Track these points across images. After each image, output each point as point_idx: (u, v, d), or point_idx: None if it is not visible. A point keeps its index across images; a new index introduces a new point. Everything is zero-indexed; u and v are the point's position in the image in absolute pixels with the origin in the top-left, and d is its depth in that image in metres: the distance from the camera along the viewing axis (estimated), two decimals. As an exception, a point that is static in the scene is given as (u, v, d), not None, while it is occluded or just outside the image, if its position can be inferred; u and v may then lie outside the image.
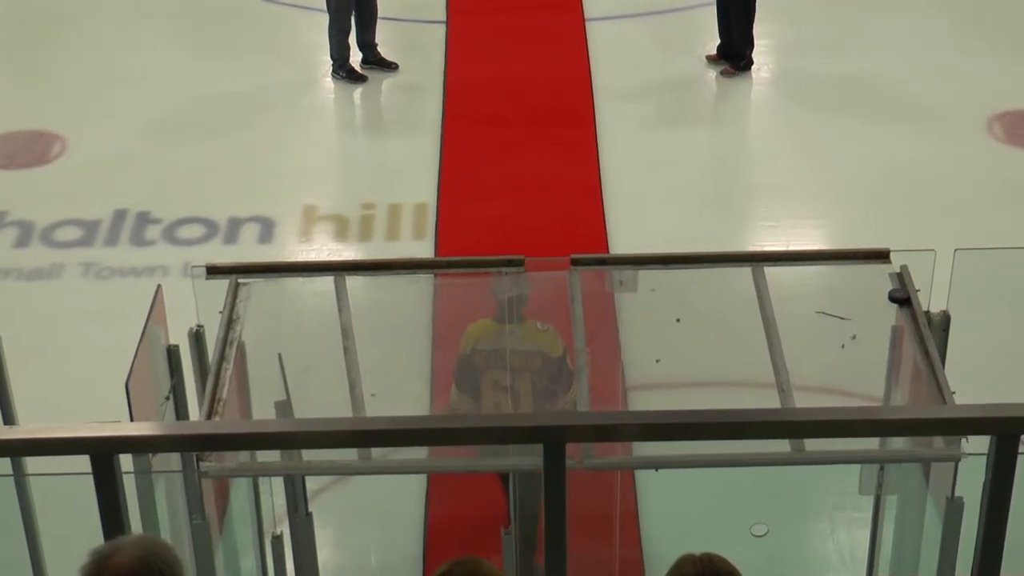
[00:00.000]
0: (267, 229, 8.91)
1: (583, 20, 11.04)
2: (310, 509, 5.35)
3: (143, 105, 10.20)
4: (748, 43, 10.19)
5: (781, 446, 4.64)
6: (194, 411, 5.27)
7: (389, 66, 10.48)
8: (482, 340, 6.10)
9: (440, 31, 11.02)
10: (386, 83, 10.45)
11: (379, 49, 10.47)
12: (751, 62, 10.26)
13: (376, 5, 10.24)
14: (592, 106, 9.98)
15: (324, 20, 10.45)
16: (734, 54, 10.21)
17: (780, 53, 10.74)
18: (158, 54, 10.84)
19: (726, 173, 9.45)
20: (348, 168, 9.69)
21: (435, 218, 8.94)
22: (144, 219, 8.98)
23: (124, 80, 10.50)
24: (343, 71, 10.32)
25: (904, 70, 10.37)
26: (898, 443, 4.84)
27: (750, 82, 10.31)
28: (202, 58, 10.77)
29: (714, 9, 10.23)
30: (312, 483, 5.60)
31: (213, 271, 5.43)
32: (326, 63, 10.51)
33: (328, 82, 10.45)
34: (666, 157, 9.51)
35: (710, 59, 10.33)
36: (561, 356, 6.05)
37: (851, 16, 11.11)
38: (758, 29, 10.27)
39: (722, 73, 10.25)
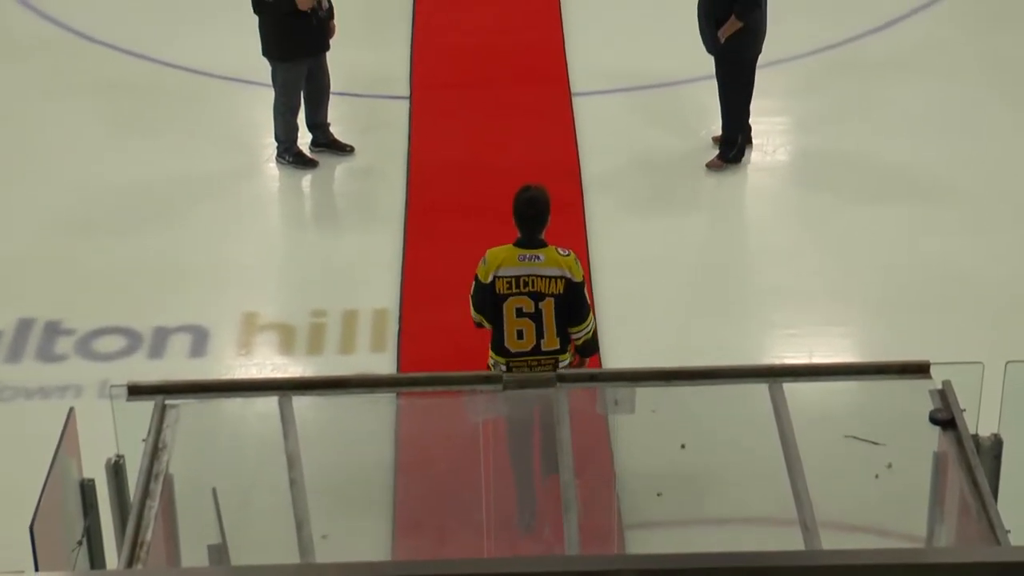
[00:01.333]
0: (199, 340, 8.91)
1: (569, 95, 11.18)
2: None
3: (53, 194, 10.26)
4: (740, 128, 10.32)
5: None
6: (112, 558, 5.23)
7: (344, 149, 10.58)
8: (504, 266, 7.16)
9: (403, 108, 11.15)
10: (340, 168, 10.54)
11: (332, 130, 10.58)
12: (742, 152, 10.37)
13: (328, 80, 10.37)
14: (580, 194, 10.07)
15: (268, 95, 10.58)
16: (725, 140, 10.36)
17: (786, 132, 10.93)
18: (71, 134, 10.94)
19: (733, 272, 9.53)
20: (295, 269, 9.74)
21: (397, 326, 8.98)
22: (54, 329, 8.98)
23: (31, 164, 10.58)
24: (289, 155, 10.43)
25: (924, 150, 10.56)
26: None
27: (753, 165, 10.45)
28: (124, 139, 10.87)
29: (712, 83, 10.39)
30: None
31: (135, 391, 5.43)
32: (270, 146, 10.61)
33: (273, 167, 10.54)
34: (663, 254, 9.60)
35: (717, 141, 10.47)
36: (582, 282, 7.21)
37: (861, 89, 11.33)
38: (760, 104, 10.44)
39: (708, 165, 10.36)
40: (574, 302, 7.23)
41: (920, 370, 5.47)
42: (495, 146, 10.59)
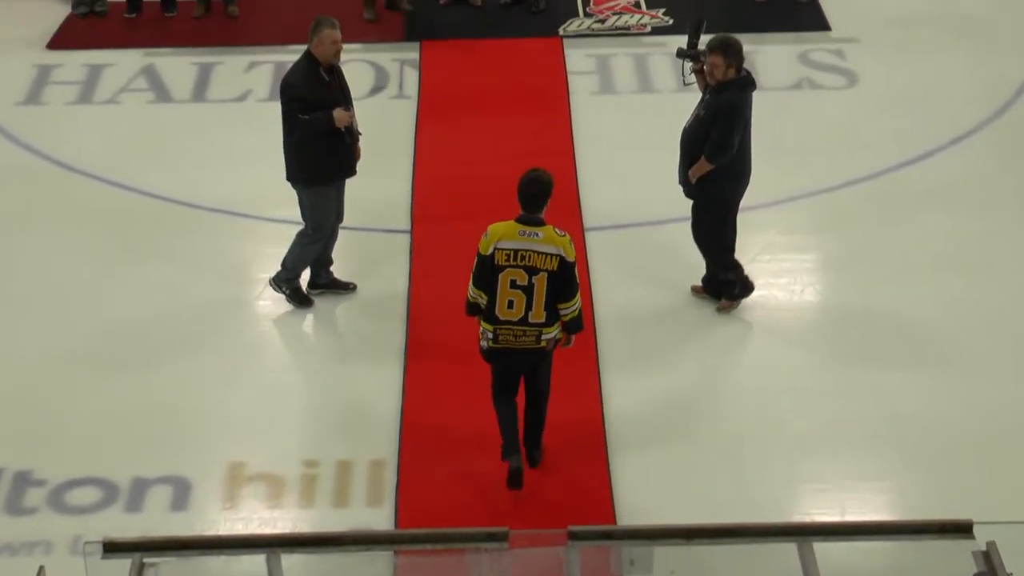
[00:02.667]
0: (181, 493, 8.91)
1: (582, 229, 11.29)
2: None
3: (25, 331, 10.34)
4: (728, 268, 10.39)
5: None
6: None
7: (345, 287, 10.67)
8: (504, 239, 8.44)
9: (403, 242, 11.25)
10: (336, 307, 10.60)
11: (332, 268, 10.67)
12: (747, 286, 10.44)
13: (343, 209, 10.51)
14: (594, 336, 10.12)
15: (257, 227, 10.72)
16: (722, 284, 10.44)
17: (814, 270, 11.02)
18: (48, 267, 11.05)
19: (755, 419, 9.52)
20: (285, 415, 9.74)
21: (395, 479, 8.97)
22: (23, 480, 8.99)
23: (2, 298, 10.67)
24: (288, 287, 10.49)
25: (964, 289, 10.64)
26: None
27: (777, 304, 10.51)
28: (104, 273, 10.97)
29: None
30: None
31: (111, 548, 5.44)
32: (261, 281, 10.70)
33: (264, 305, 10.60)
34: (681, 397, 9.64)
35: (697, 292, 10.52)
36: (574, 262, 8.46)
37: (895, 223, 11.42)
38: (788, 240, 10.47)
39: (719, 309, 10.44)
40: (565, 280, 8.47)
41: (962, 529, 5.45)
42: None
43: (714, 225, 10.22)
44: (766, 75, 13.60)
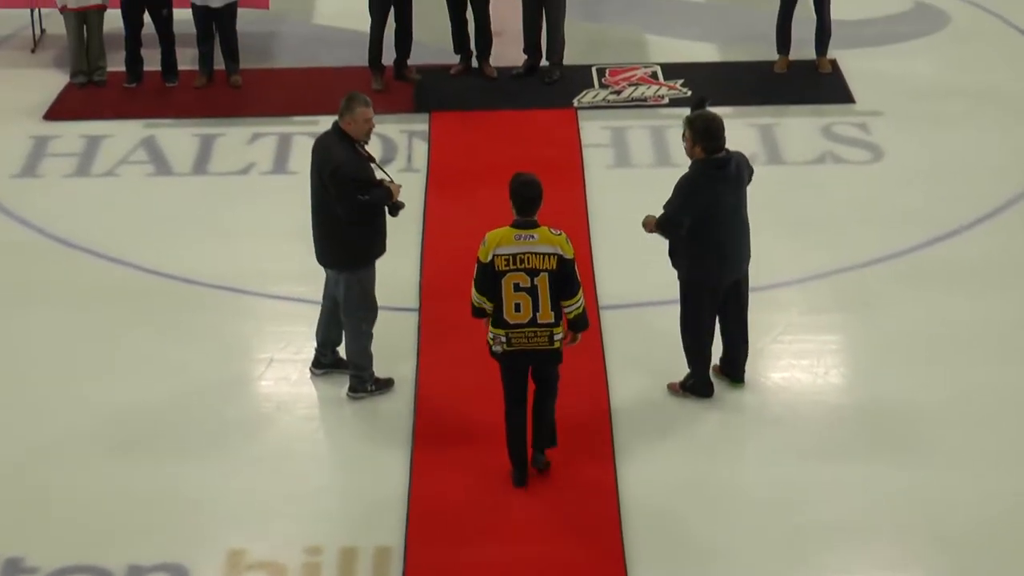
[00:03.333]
0: (179, 581, 8.90)
1: (596, 308, 11.32)
2: None
3: (15, 412, 10.36)
4: (695, 357, 10.32)
5: None
6: None
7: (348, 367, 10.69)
8: (502, 245, 9.09)
9: (411, 321, 11.28)
10: (346, 388, 10.56)
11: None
12: (705, 385, 10.36)
13: None
14: (609, 427, 10.12)
15: (260, 305, 10.73)
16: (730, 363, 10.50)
17: (838, 351, 11.01)
18: (42, 346, 11.08)
19: (778, 507, 9.49)
20: (288, 500, 9.70)
21: (402, 566, 8.95)
22: (14, 568, 8.97)
23: (-3, 382, 10.71)
24: (371, 383, 10.44)
25: (996, 373, 10.63)
26: None
27: (802, 387, 10.51)
28: (100, 352, 11.00)
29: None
30: None
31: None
32: (262, 361, 10.76)
33: (264, 385, 10.62)
34: (703, 485, 9.64)
35: (672, 389, 10.49)
36: (573, 259, 9.13)
37: (923, 303, 11.42)
38: (811, 320, 10.42)
39: (668, 385, 10.44)
40: (566, 276, 9.14)
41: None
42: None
43: (683, 307, 10.25)
44: (788, 149, 13.73)
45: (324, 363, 10.66)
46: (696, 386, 10.41)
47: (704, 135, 9.81)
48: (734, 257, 10.07)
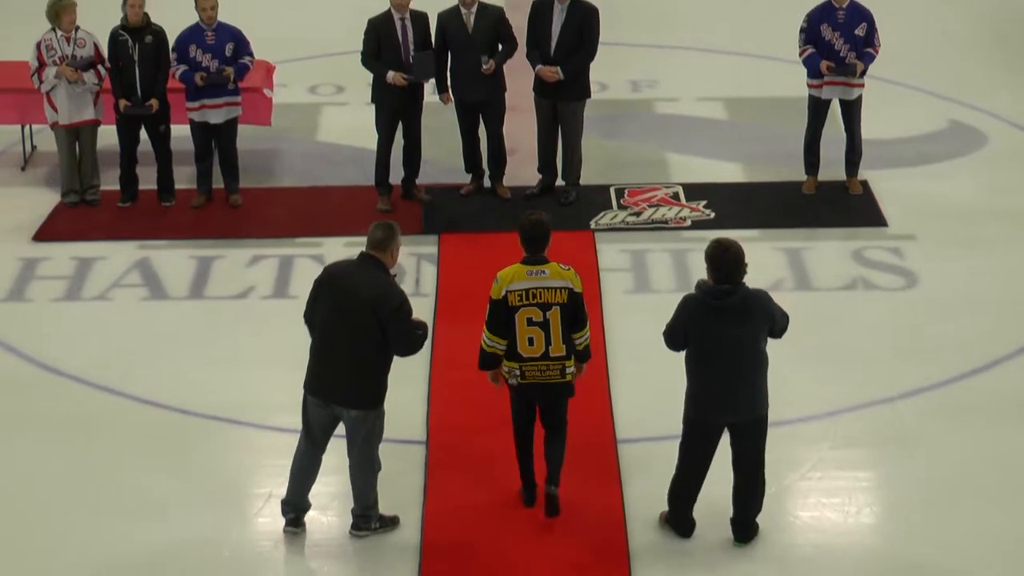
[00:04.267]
0: None
1: (613, 441, 11.34)
2: None
3: (2, 558, 10.32)
4: (672, 495, 10.33)
5: None
6: None
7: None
8: (514, 281, 10.08)
9: (418, 455, 11.30)
10: (348, 523, 10.57)
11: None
12: (682, 524, 10.32)
13: None
14: (627, 565, 10.13)
15: (258, 437, 10.75)
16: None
17: (870, 488, 11.01)
18: (24, 482, 11.06)
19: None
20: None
21: None
22: None
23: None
24: (376, 520, 10.44)
25: (1000, 525, 10.55)
26: None
27: (832, 527, 10.49)
28: (88, 488, 10.97)
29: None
30: None
31: None
32: (260, 496, 10.78)
33: (262, 523, 10.61)
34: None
35: (662, 518, 10.52)
36: (581, 292, 10.20)
37: (960, 441, 11.42)
38: (842, 455, 10.38)
39: (660, 514, 10.48)
40: (576, 309, 10.20)
41: None
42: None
43: (680, 445, 10.30)
44: (817, 274, 13.80)
45: (303, 518, 10.53)
46: (673, 522, 10.41)
47: (709, 260, 9.90)
48: (732, 397, 9.98)
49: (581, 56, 14.70)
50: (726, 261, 9.83)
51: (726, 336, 9.87)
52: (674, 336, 10.07)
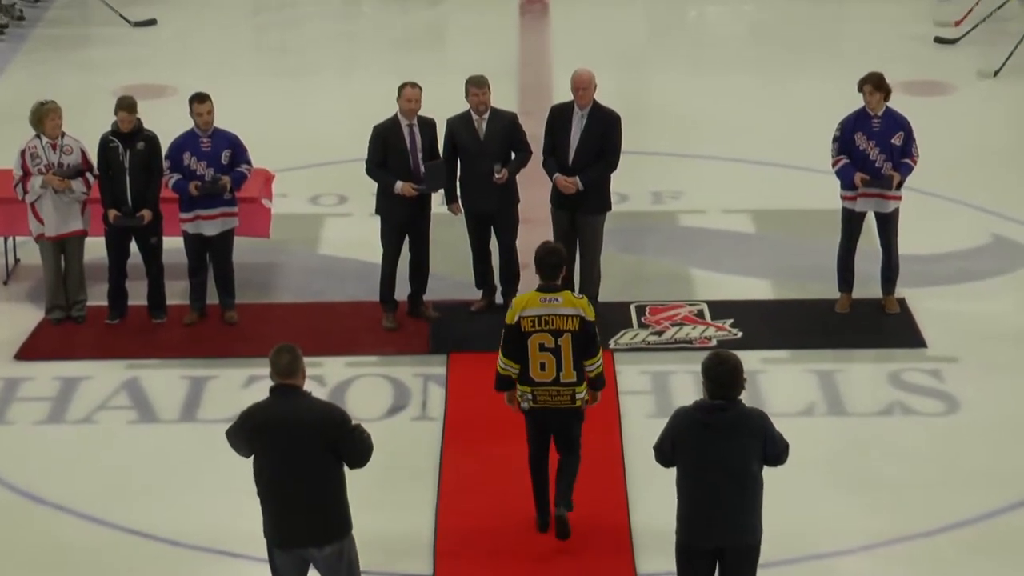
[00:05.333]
0: None
1: (633, 567, 11.35)
2: None
3: None
4: None
5: None
6: None
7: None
8: (528, 307, 11.33)
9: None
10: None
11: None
12: None
13: None
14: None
15: (254, 571, 10.74)
16: None
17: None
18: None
19: None
20: None
21: None
22: None
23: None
24: None
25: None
26: None
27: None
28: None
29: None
30: None
31: None
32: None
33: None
34: None
35: None
36: (594, 321, 11.38)
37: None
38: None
39: None
40: (588, 338, 11.35)
41: None
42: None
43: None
44: (851, 398, 13.81)
45: None
46: None
47: (704, 372, 9.89)
48: (718, 520, 9.92)
49: (602, 166, 14.79)
50: (721, 374, 9.81)
51: (714, 454, 9.84)
52: (662, 450, 10.09)
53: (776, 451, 9.95)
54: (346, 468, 10.02)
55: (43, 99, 15.11)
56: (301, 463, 9.96)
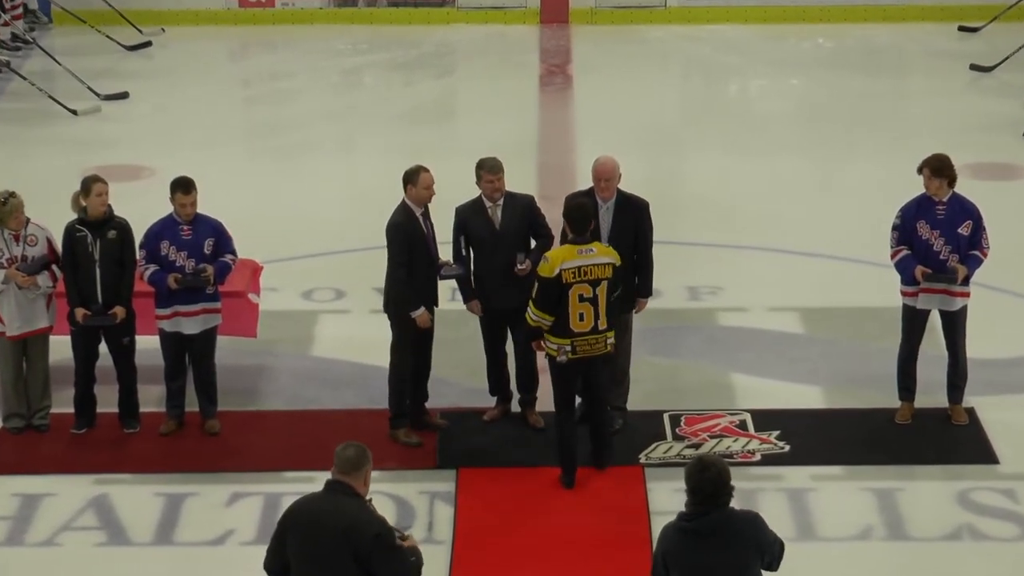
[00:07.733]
0: None
1: None
2: None
3: None
4: None
5: None
6: None
7: None
8: (567, 260, 13.45)
9: None
10: None
11: None
12: None
13: None
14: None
15: None
16: None
17: None
18: None
19: None
20: None
21: None
22: None
23: None
24: None
25: None
26: None
27: None
28: None
29: None
30: None
31: None
32: None
33: None
34: None
35: None
36: (622, 264, 13.78)
37: None
38: None
39: None
40: (616, 280, 13.68)
41: None
42: None
43: None
44: (914, 520, 13.78)
45: None
46: None
47: (686, 480, 9.91)
48: None
49: (640, 260, 14.81)
50: (703, 481, 9.83)
51: (703, 567, 9.87)
52: (654, 569, 10.07)
53: (773, 554, 10.02)
54: None
55: (3, 192, 14.96)
56: (326, 570, 9.99)
